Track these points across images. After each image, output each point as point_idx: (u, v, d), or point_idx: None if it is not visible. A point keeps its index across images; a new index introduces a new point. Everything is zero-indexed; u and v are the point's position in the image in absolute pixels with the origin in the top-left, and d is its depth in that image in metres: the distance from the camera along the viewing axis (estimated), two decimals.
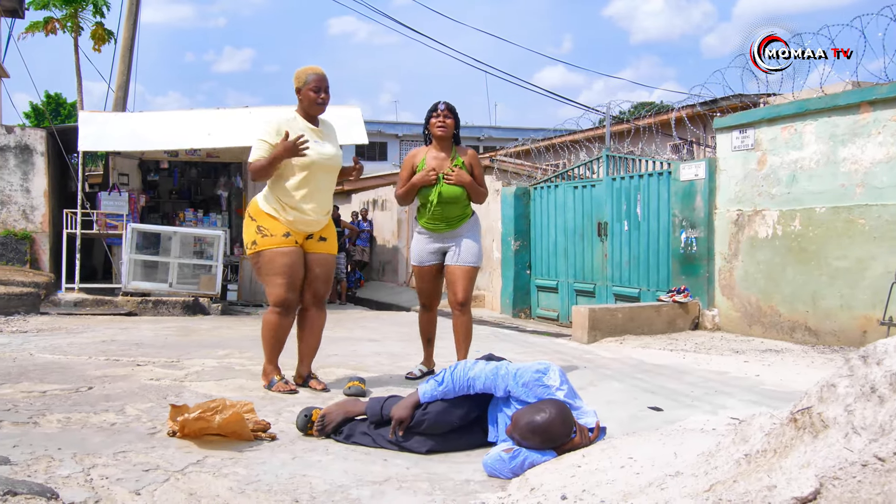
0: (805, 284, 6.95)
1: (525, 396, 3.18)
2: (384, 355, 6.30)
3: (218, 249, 10.53)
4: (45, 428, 3.50)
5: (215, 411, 3.33)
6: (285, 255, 4.46)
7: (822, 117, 6.85)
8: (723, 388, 5.01)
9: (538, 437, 2.98)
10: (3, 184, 11.48)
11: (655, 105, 11.98)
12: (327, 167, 4.55)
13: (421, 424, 3.32)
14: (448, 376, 3.31)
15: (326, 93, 4.54)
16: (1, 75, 25.72)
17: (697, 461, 2.11)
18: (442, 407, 3.33)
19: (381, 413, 3.44)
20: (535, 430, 2.98)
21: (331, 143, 4.63)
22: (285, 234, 4.47)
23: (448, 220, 5.02)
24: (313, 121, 4.60)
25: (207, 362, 5.60)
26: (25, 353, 5.91)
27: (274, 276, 4.47)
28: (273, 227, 4.47)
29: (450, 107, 5.07)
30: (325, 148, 4.54)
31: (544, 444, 3.00)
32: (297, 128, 4.46)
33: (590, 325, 7.44)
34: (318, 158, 4.46)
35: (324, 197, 4.58)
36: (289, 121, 4.52)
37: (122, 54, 15.68)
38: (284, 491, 2.74)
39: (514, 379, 3.22)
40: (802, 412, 1.76)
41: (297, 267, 4.51)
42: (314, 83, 4.50)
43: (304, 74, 4.53)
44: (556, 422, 2.99)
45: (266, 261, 4.47)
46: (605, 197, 9.39)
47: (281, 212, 4.48)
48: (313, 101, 4.52)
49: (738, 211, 7.64)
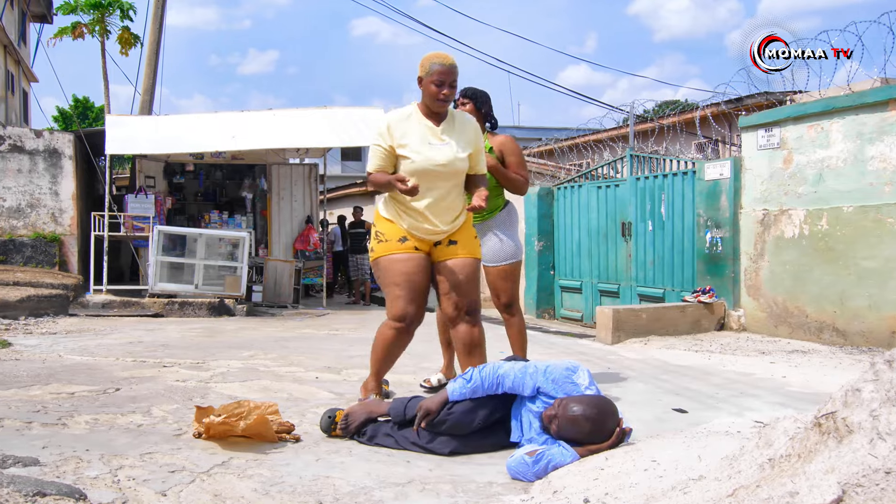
0: (832, 284, 6.87)
1: (554, 392, 3.18)
2: (407, 356, 6.27)
3: (243, 251, 10.62)
4: (73, 429, 3.55)
5: (240, 417, 3.35)
6: (401, 261, 3.95)
7: (849, 115, 6.76)
8: (748, 390, 4.96)
9: (588, 425, 2.97)
10: (33, 187, 11.66)
11: (680, 104, 11.92)
12: (440, 174, 3.92)
13: (444, 423, 3.33)
14: (476, 374, 3.31)
15: (452, 87, 3.88)
16: (30, 79, 26.12)
17: (721, 465, 2.10)
18: (467, 407, 3.33)
19: (404, 413, 3.45)
20: (589, 417, 2.97)
21: (456, 143, 3.95)
22: (401, 238, 3.98)
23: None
24: (435, 117, 3.98)
25: (233, 364, 5.65)
26: (55, 354, 6.00)
27: (391, 287, 3.98)
28: (389, 231, 4.02)
29: (466, 92, 4.65)
30: (439, 153, 3.91)
31: (590, 435, 2.98)
32: (407, 128, 3.95)
33: (614, 325, 7.40)
34: (426, 166, 3.89)
35: (444, 203, 3.96)
36: (401, 120, 3.98)
37: (149, 58, 15.88)
38: (308, 493, 2.75)
39: (544, 375, 3.22)
40: (827, 417, 1.74)
41: (418, 276, 3.96)
42: (437, 75, 3.85)
43: (429, 63, 3.88)
44: (609, 412, 3.01)
45: (383, 269, 4.01)
46: (629, 197, 9.34)
47: (397, 218, 4.01)
48: (434, 95, 3.88)
49: (764, 210, 7.57)
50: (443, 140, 3.94)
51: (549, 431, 3.09)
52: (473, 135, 4.04)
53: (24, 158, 11.65)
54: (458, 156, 3.93)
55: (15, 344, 6.55)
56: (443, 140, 3.94)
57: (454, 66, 3.90)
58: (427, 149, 3.91)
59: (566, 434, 3.00)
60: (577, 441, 3.00)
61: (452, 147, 3.93)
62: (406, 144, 3.93)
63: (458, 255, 4.01)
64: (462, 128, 4.02)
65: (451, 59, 3.91)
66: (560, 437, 3.02)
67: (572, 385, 3.18)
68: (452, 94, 3.91)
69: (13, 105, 22.82)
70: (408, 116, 3.99)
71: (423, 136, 3.93)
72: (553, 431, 3.05)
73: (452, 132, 3.98)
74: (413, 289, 3.95)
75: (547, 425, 3.09)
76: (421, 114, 3.99)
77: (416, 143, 3.92)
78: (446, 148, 3.92)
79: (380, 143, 3.96)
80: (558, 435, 3.03)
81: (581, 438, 2.99)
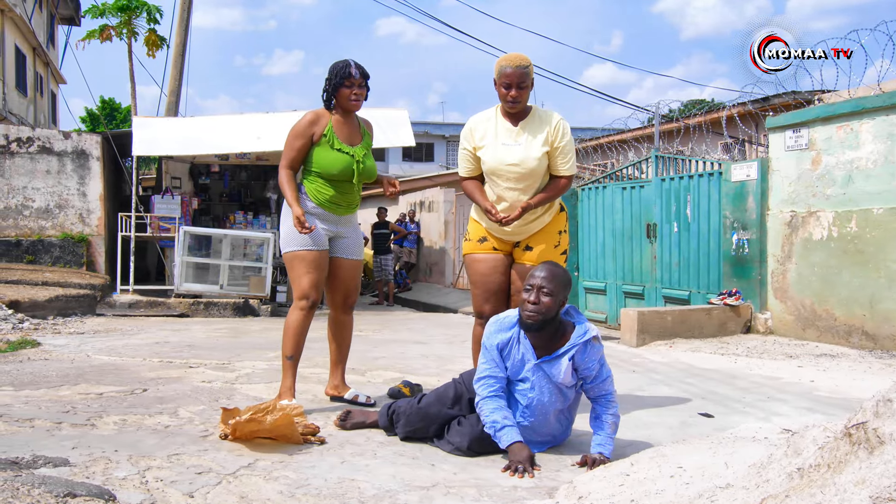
0: (862, 287, 6.78)
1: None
2: (431, 358, 6.32)
3: (267, 251, 10.69)
4: (101, 430, 3.59)
5: (266, 412, 3.39)
6: (478, 262, 4.12)
7: (879, 116, 6.67)
8: (776, 395, 4.91)
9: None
10: (61, 188, 11.82)
11: (706, 103, 11.82)
12: (514, 175, 3.95)
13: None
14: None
15: (519, 89, 3.88)
16: (58, 81, 26.49)
17: (748, 473, 2.08)
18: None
19: (391, 425, 3.62)
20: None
21: (531, 143, 3.95)
22: (481, 238, 4.13)
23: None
24: (513, 118, 4.02)
25: (257, 364, 5.69)
26: (83, 354, 6.07)
27: (471, 285, 4.20)
28: (473, 230, 4.18)
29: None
30: (510, 153, 3.95)
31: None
32: (486, 130, 4.03)
33: (639, 327, 7.36)
34: (497, 167, 3.96)
35: (520, 205, 3.96)
36: (482, 122, 4.08)
37: (175, 60, 16.02)
38: (333, 495, 2.77)
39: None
40: (857, 427, 1.72)
41: (493, 276, 4.08)
42: (504, 78, 3.89)
43: (499, 66, 3.94)
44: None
45: (466, 267, 4.23)
46: (654, 198, 9.28)
47: (480, 217, 4.15)
48: (503, 98, 3.96)
49: (792, 212, 7.49)
50: (517, 141, 3.97)
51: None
52: (552, 134, 3.98)
53: (52, 160, 11.81)
54: (531, 156, 3.94)
55: (44, 344, 6.64)
56: (517, 141, 3.97)
57: (520, 67, 3.89)
58: (500, 149, 3.97)
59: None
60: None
61: (527, 147, 3.95)
62: (483, 146, 4.03)
63: (526, 262, 4.05)
64: (540, 127, 4.00)
65: (517, 62, 3.91)
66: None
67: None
68: (520, 95, 3.91)
69: (42, 106, 23.16)
70: (489, 118, 4.07)
71: (499, 137, 4.00)
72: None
73: (530, 132, 3.99)
74: (487, 289, 4.08)
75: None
76: (500, 115, 4.05)
77: (491, 143, 4.00)
78: (519, 149, 3.95)
79: (465, 145, 4.09)
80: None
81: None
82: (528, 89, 3.93)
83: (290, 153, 4.13)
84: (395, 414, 3.61)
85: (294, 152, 4.12)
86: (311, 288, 4.11)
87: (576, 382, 3.37)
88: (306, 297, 4.11)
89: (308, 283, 4.11)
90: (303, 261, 4.11)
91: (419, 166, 33.88)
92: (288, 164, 4.12)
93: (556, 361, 3.31)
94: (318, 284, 4.14)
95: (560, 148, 3.98)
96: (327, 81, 4.15)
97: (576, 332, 3.32)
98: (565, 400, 3.38)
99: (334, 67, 4.13)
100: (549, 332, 3.34)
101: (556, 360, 3.31)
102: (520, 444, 3.19)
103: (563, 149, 3.99)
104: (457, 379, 3.63)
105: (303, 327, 4.14)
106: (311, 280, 4.11)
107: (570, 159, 4.05)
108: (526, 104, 4.02)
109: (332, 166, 4.09)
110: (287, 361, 4.12)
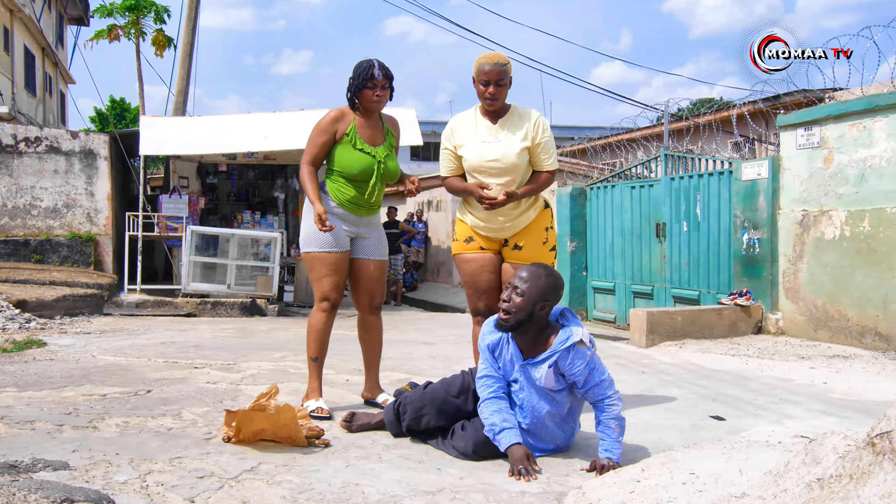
0: (875, 287, 6.68)
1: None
2: (438, 358, 6.27)
3: (275, 251, 10.65)
4: (103, 432, 3.55)
5: (269, 396, 3.37)
6: (466, 262, 4.12)
7: (893, 113, 6.56)
8: (788, 396, 4.83)
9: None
10: (69, 188, 11.81)
11: (716, 102, 11.72)
12: (494, 171, 3.97)
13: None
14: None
15: (497, 87, 3.90)
16: (67, 81, 26.54)
17: (764, 481, 2.01)
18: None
19: (397, 420, 3.58)
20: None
21: (511, 140, 3.98)
22: (467, 238, 4.12)
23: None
24: (492, 116, 4.03)
25: (263, 365, 5.64)
26: (88, 354, 6.04)
27: (464, 286, 4.21)
28: (459, 230, 4.19)
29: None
30: (490, 150, 3.97)
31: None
32: (467, 129, 4.06)
33: (648, 328, 7.28)
34: (478, 164, 3.98)
35: None
36: (462, 122, 4.11)
37: (182, 59, 16.00)
38: (337, 500, 2.71)
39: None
40: (881, 436, 1.65)
41: (482, 276, 4.08)
42: (482, 76, 3.91)
43: (477, 63, 3.96)
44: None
45: (457, 267, 4.20)
46: (663, 197, 9.19)
47: (464, 216, 4.16)
48: (480, 95, 3.98)
49: (804, 211, 7.39)
50: (497, 138, 4.00)
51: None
52: (532, 130, 4.00)
53: (60, 159, 11.80)
54: (510, 151, 3.97)
55: (50, 343, 6.61)
56: (497, 138, 4.00)
57: (498, 64, 3.91)
58: (481, 146, 4.00)
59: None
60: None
61: (506, 144, 3.98)
62: (463, 144, 4.06)
63: (514, 261, 4.04)
64: (519, 124, 4.02)
65: (495, 59, 3.94)
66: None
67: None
68: (499, 92, 3.93)
69: (51, 106, 23.22)
70: (468, 118, 4.10)
71: (479, 135, 4.02)
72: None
73: (509, 129, 4.01)
74: (478, 287, 4.09)
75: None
76: (480, 114, 4.08)
77: (472, 141, 4.03)
78: (499, 145, 3.98)
79: (446, 145, 4.12)
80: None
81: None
82: (506, 87, 3.97)
83: (312, 149, 4.11)
84: (402, 406, 3.57)
85: (317, 148, 4.10)
86: (331, 290, 4.11)
87: (564, 387, 3.30)
88: (326, 298, 4.11)
89: (329, 286, 4.10)
90: (323, 262, 4.09)
91: (427, 165, 33.85)
92: (310, 160, 4.10)
93: (537, 366, 3.26)
94: (338, 286, 4.13)
95: (542, 144, 4.03)
96: (351, 81, 4.12)
97: (558, 338, 3.25)
98: (557, 404, 3.31)
99: (358, 67, 4.09)
100: (533, 335, 3.29)
101: (537, 364, 3.27)
102: (517, 446, 3.15)
103: (544, 145, 4.04)
104: (465, 371, 3.60)
105: (325, 328, 4.14)
106: (331, 282, 4.10)
107: (552, 154, 4.10)
108: (504, 102, 4.06)
109: (354, 166, 4.06)
110: (312, 363, 4.14)
